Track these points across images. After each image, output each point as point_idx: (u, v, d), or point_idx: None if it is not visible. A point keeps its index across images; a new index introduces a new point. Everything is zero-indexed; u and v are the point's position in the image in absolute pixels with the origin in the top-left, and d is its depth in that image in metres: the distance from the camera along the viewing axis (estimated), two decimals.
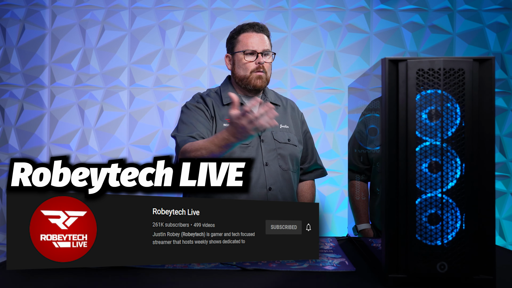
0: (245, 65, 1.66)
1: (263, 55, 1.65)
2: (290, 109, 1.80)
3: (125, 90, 2.59)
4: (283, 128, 1.72)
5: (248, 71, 1.66)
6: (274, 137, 1.68)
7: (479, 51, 2.53)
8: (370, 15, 2.58)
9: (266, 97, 1.75)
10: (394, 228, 0.96)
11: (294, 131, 1.75)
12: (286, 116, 1.76)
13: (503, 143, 2.52)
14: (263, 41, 1.68)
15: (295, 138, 1.73)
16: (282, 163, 1.66)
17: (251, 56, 1.65)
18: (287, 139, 1.70)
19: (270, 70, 1.71)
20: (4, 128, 2.57)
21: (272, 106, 1.28)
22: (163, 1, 2.59)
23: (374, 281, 1.00)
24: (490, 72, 0.96)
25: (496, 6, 2.54)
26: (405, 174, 0.96)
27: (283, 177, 1.66)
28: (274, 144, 1.67)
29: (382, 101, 0.98)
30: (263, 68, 1.66)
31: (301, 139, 1.78)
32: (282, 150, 1.67)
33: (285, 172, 1.66)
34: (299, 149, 1.74)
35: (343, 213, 2.54)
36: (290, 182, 1.68)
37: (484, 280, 0.95)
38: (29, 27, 2.58)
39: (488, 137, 0.96)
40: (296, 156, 1.71)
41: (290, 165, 1.68)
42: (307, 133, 1.84)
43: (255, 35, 1.68)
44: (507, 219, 2.51)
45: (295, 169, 1.72)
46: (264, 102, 1.71)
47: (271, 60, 1.70)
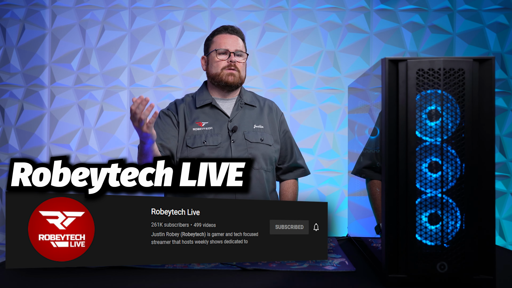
0: (217, 63, 1.71)
1: (235, 55, 1.70)
2: (268, 109, 1.83)
3: (125, 90, 2.59)
4: (257, 128, 1.75)
5: (219, 69, 1.71)
6: (245, 137, 1.71)
7: (479, 51, 2.53)
8: (370, 15, 2.58)
9: (242, 98, 1.78)
10: (394, 228, 0.96)
11: (270, 130, 1.78)
12: (262, 117, 1.79)
13: (503, 143, 2.52)
14: (236, 42, 1.73)
15: (270, 138, 1.76)
16: (254, 162, 1.69)
17: (224, 55, 1.71)
18: (260, 138, 1.73)
19: (244, 71, 1.76)
20: (4, 128, 2.58)
21: (144, 98, 1.34)
22: (163, 1, 2.59)
23: (374, 281, 1.00)
24: (490, 72, 0.96)
25: (496, 6, 2.54)
26: (405, 174, 0.95)
27: (254, 176, 1.69)
28: (245, 144, 1.70)
29: (382, 101, 0.98)
30: (235, 67, 1.70)
31: (278, 139, 1.80)
32: (253, 150, 1.70)
33: (256, 171, 1.70)
34: (274, 148, 1.76)
35: (343, 213, 2.54)
36: (262, 181, 1.71)
37: (484, 280, 0.95)
38: (29, 27, 2.58)
39: (488, 137, 0.96)
40: (269, 156, 1.74)
41: (262, 164, 1.71)
42: (286, 132, 1.86)
43: (228, 36, 1.73)
44: (507, 219, 2.51)
45: (269, 168, 1.74)
46: (240, 103, 1.74)
47: (243, 60, 1.74)
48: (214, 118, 1.72)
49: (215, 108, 1.73)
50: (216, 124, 1.70)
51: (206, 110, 1.73)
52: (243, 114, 1.75)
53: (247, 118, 1.74)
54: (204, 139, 1.67)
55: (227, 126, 1.70)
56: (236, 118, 1.73)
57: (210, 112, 1.73)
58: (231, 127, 1.69)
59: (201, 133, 1.68)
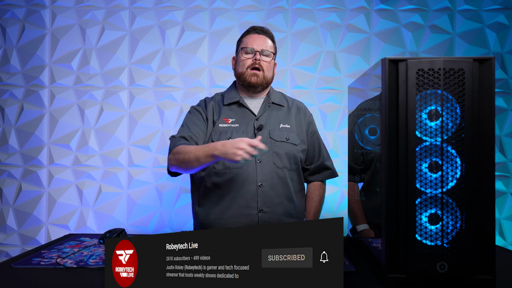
0: (243, 61, 1.74)
1: (261, 54, 1.72)
2: (296, 109, 1.84)
3: (125, 90, 2.59)
4: (283, 128, 1.75)
5: (245, 67, 1.73)
6: (270, 135, 1.72)
7: (479, 51, 2.53)
8: (370, 15, 2.58)
9: (270, 98, 1.79)
10: (394, 228, 0.96)
11: (296, 130, 1.78)
12: (289, 116, 1.80)
13: (503, 143, 2.52)
14: (263, 41, 1.75)
15: (296, 137, 1.76)
16: (277, 160, 1.69)
17: (250, 54, 1.73)
18: (285, 137, 1.73)
19: (271, 71, 1.78)
20: (4, 128, 2.57)
21: (263, 146, 1.39)
22: (163, 1, 2.59)
23: (374, 281, 1.00)
24: (490, 72, 0.96)
25: (496, 6, 2.54)
26: (405, 174, 0.95)
27: (278, 174, 1.69)
28: (270, 142, 1.70)
29: (382, 101, 0.98)
30: (259, 65, 1.72)
31: (305, 139, 1.80)
32: (278, 149, 1.70)
33: (280, 169, 1.70)
34: (299, 148, 1.76)
35: (343, 213, 2.54)
36: (286, 180, 1.70)
37: (484, 280, 0.94)
38: (29, 27, 2.58)
39: (488, 137, 0.96)
40: (294, 155, 1.73)
41: (286, 163, 1.71)
42: (315, 133, 1.87)
43: (256, 36, 1.76)
44: (507, 219, 2.51)
45: (293, 167, 1.74)
46: (268, 102, 1.76)
47: (270, 60, 1.75)
48: (241, 115, 1.74)
49: (243, 107, 1.76)
50: (243, 121, 1.72)
51: (234, 108, 1.76)
52: (270, 113, 1.77)
53: (274, 117, 1.76)
54: (230, 136, 1.68)
55: (253, 124, 1.72)
56: (262, 117, 1.75)
57: (237, 110, 1.76)
58: (257, 125, 1.71)
59: (227, 129, 1.70)
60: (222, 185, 1.66)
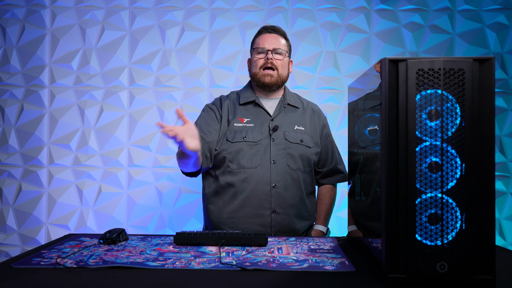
0: (255, 62, 1.74)
1: (274, 53, 1.72)
2: (310, 112, 1.84)
3: (125, 90, 2.59)
4: (298, 129, 1.76)
5: (258, 68, 1.73)
6: (285, 137, 1.71)
7: (479, 51, 2.53)
8: (370, 15, 2.58)
9: (285, 99, 1.79)
10: (394, 228, 0.96)
11: (310, 133, 1.78)
12: (304, 118, 1.80)
13: (503, 143, 2.52)
14: (275, 40, 1.74)
15: (309, 140, 1.76)
16: (291, 162, 1.69)
17: (262, 54, 1.73)
18: (300, 140, 1.73)
19: (285, 69, 1.76)
20: (4, 128, 2.57)
21: (181, 113, 1.35)
22: (163, 1, 2.59)
23: (374, 281, 1.00)
24: (490, 72, 0.96)
25: (496, 6, 2.54)
26: (405, 174, 0.95)
27: (291, 176, 1.69)
28: (285, 143, 1.70)
29: (382, 101, 0.98)
30: (272, 64, 1.71)
31: (318, 142, 1.80)
32: (292, 150, 1.70)
33: (293, 171, 1.70)
34: (313, 151, 1.76)
35: (343, 213, 2.54)
36: (299, 182, 1.71)
37: (484, 280, 0.94)
38: (29, 27, 2.58)
39: (488, 137, 0.96)
40: (308, 157, 1.73)
41: (300, 165, 1.71)
42: (328, 136, 1.87)
43: (268, 35, 1.76)
44: (507, 219, 2.51)
45: (306, 170, 1.74)
46: (283, 103, 1.75)
47: (283, 58, 1.74)
48: (256, 115, 1.74)
49: (258, 106, 1.75)
50: (258, 121, 1.72)
51: (249, 108, 1.76)
52: (285, 115, 1.76)
53: (289, 119, 1.76)
54: (244, 135, 1.68)
55: (268, 124, 1.72)
56: (278, 118, 1.74)
57: (253, 109, 1.75)
58: (272, 126, 1.71)
59: (242, 128, 1.70)
60: (236, 183, 1.66)
